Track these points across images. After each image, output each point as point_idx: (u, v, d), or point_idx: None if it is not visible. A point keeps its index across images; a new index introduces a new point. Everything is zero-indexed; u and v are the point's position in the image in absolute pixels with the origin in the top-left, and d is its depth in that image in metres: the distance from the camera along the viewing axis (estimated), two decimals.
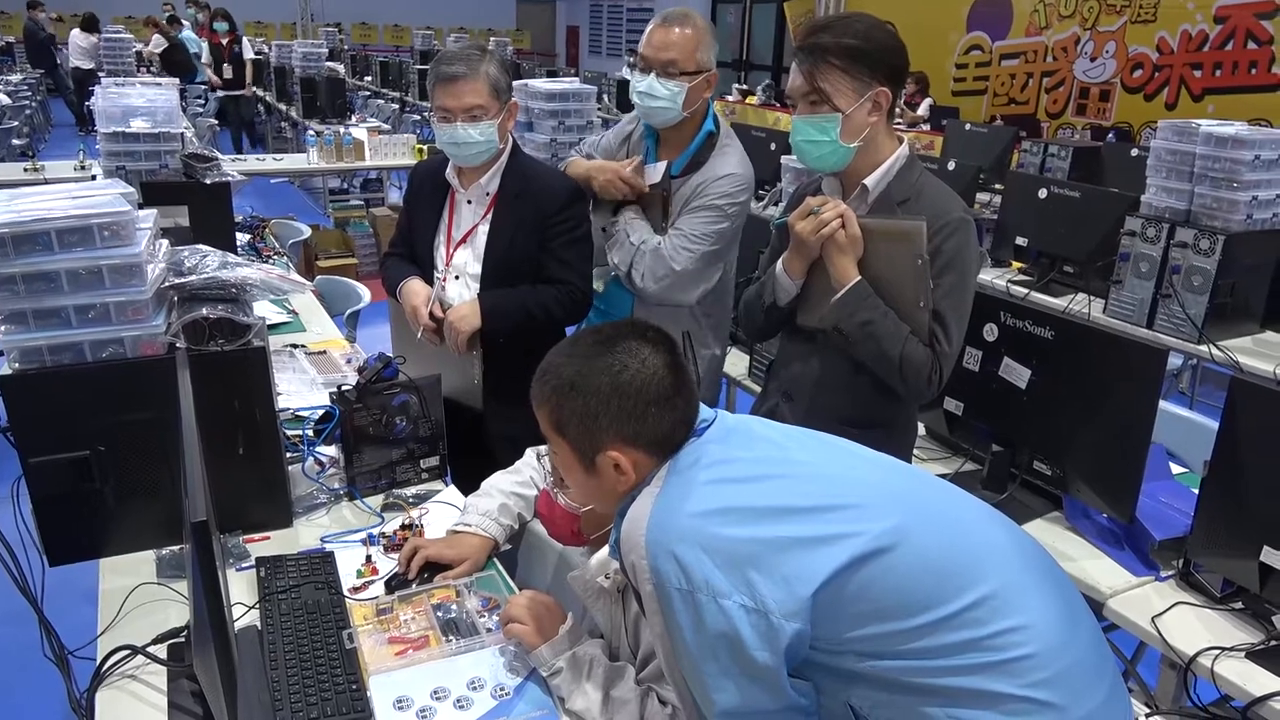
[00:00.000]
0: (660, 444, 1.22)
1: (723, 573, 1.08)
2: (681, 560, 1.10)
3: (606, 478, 1.24)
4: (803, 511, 1.13)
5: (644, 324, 1.29)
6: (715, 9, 16.00)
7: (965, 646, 1.08)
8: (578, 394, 1.21)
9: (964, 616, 1.09)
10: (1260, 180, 3.19)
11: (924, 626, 1.09)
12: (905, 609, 1.09)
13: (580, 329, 1.28)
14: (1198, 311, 3.13)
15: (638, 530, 1.14)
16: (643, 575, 1.13)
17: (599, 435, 1.21)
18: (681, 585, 1.09)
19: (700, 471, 1.18)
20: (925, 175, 1.84)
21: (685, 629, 1.11)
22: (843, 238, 1.77)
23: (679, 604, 1.10)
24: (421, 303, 2.26)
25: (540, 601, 1.49)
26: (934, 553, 1.13)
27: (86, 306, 1.59)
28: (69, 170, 5.67)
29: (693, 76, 2.21)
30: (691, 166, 2.30)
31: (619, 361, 1.21)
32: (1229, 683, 1.57)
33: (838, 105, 1.74)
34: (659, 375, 1.21)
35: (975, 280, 1.84)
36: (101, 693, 1.40)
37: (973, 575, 1.12)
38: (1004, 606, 1.10)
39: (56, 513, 1.64)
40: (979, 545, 1.18)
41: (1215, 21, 8.27)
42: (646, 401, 1.20)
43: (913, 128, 8.74)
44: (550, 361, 1.27)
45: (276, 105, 10.34)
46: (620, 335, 1.24)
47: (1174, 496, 2.02)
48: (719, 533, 1.10)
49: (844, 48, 1.72)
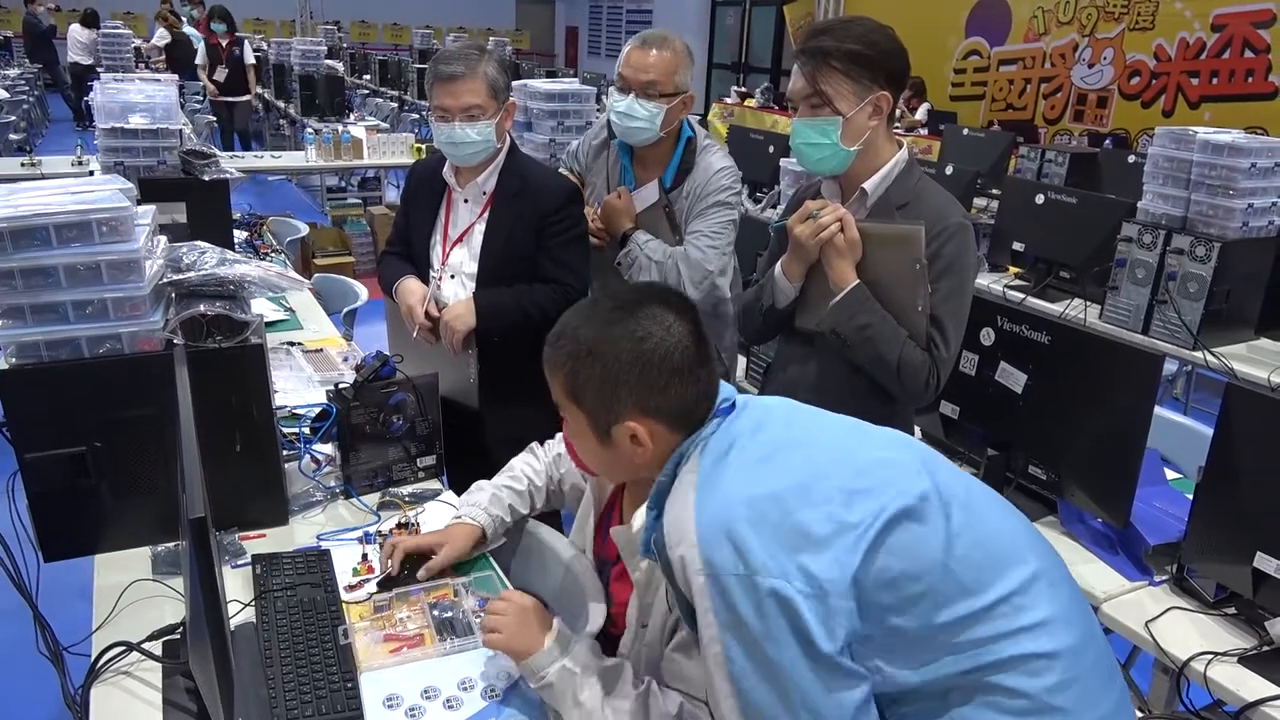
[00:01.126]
0: (681, 417, 1.17)
1: (780, 554, 1.02)
2: (737, 542, 1.03)
3: (622, 449, 1.19)
4: (842, 481, 1.08)
5: (667, 289, 1.24)
6: (714, 11, 16.02)
7: (995, 640, 1.04)
8: (596, 360, 1.15)
9: (999, 608, 1.05)
10: (1256, 188, 3.21)
11: (965, 618, 1.04)
12: (947, 592, 1.04)
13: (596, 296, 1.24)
14: (1193, 318, 3.14)
15: (685, 520, 1.07)
16: (693, 568, 1.05)
17: (617, 406, 1.16)
18: (739, 570, 1.02)
19: (738, 453, 1.12)
20: (924, 180, 1.85)
21: (747, 618, 1.02)
22: (841, 241, 1.77)
23: (738, 592, 1.02)
24: (417, 301, 2.26)
25: (523, 608, 1.40)
26: (966, 531, 1.08)
27: (84, 302, 1.59)
28: (67, 165, 5.66)
29: (671, 98, 2.25)
30: (681, 174, 2.35)
31: (642, 328, 1.15)
32: (1222, 688, 1.58)
33: (839, 108, 1.75)
34: (683, 344, 1.16)
35: (973, 285, 1.85)
36: (96, 689, 1.40)
37: (1005, 563, 1.08)
38: (1032, 602, 1.07)
39: (52, 508, 1.64)
40: (1006, 533, 1.14)
41: (1213, 29, 8.30)
42: (670, 371, 1.15)
43: (910, 132, 8.75)
44: (566, 324, 1.20)
45: (275, 103, 10.31)
46: (643, 300, 1.19)
47: (1168, 502, 2.03)
48: (769, 512, 1.04)
49: (846, 51, 1.72)
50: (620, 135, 2.34)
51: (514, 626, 1.37)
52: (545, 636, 1.36)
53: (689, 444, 1.16)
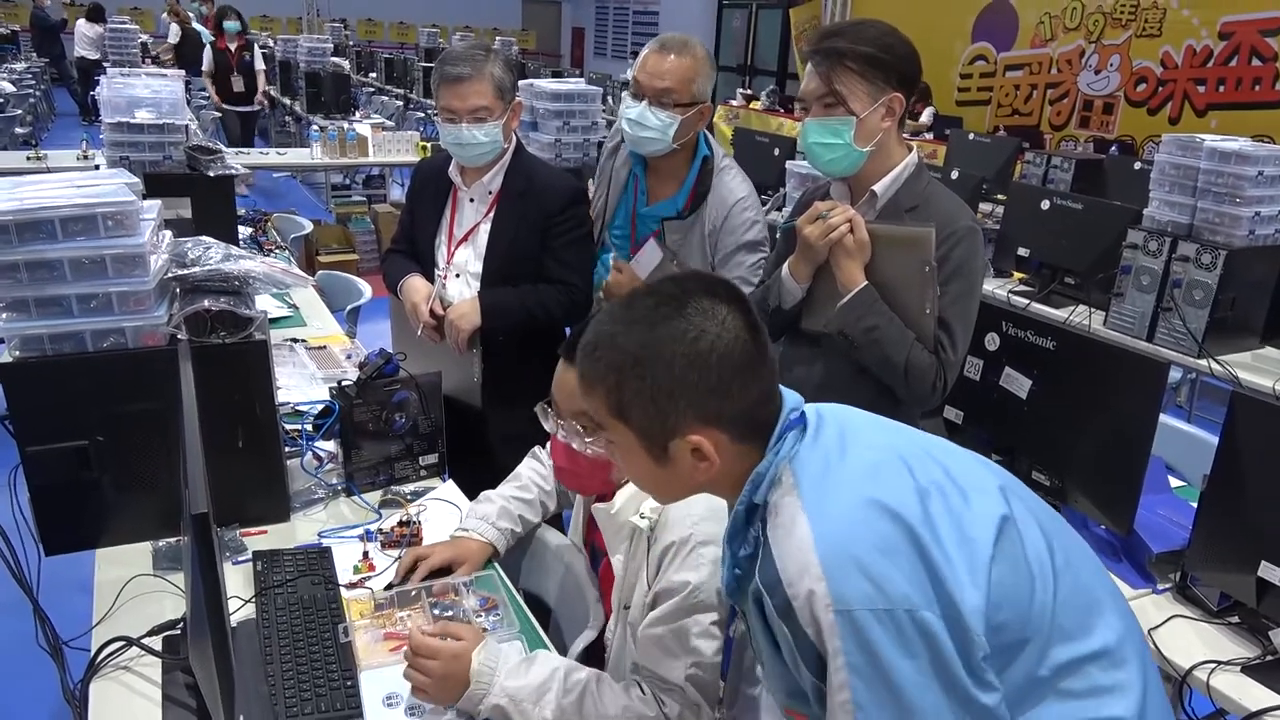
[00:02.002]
0: (746, 423, 1.03)
1: (914, 580, 0.92)
2: (871, 573, 0.92)
3: (682, 467, 1.04)
4: (941, 487, 1.00)
5: (710, 276, 1.11)
6: (721, 13, 16.02)
7: (1093, 694, 0.98)
8: (645, 368, 1.00)
9: (1098, 661, 0.98)
10: (1263, 196, 3.20)
11: (1067, 665, 0.97)
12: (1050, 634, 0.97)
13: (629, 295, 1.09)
14: (1198, 325, 3.13)
15: (804, 552, 0.95)
16: (821, 604, 0.92)
17: (675, 417, 1.01)
18: (878, 605, 0.91)
19: (838, 470, 1.01)
20: (933, 184, 1.85)
21: (892, 660, 0.90)
22: (850, 243, 1.77)
23: (878, 629, 0.90)
24: (422, 300, 2.26)
25: (449, 659, 1.35)
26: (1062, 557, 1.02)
27: (88, 296, 1.59)
28: (72, 160, 5.66)
29: (687, 108, 2.13)
30: (696, 198, 2.22)
31: (694, 325, 1.00)
32: (1224, 697, 1.57)
33: (852, 108, 1.75)
34: (741, 339, 1.01)
35: (981, 289, 1.84)
36: (95, 684, 1.40)
37: (1101, 608, 1.02)
38: (1124, 659, 1.00)
39: (53, 502, 1.63)
40: (1098, 575, 1.07)
41: (1220, 37, 8.28)
42: (732, 371, 1.00)
43: (915, 136, 8.75)
44: (602, 332, 1.04)
45: (280, 100, 10.31)
46: (688, 293, 1.03)
47: (1172, 510, 2.02)
48: (895, 533, 0.94)
49: (861, 53, 1.73)
50: (630, 144, 2.24)
51: (438, 687, 1.35)
52: (470, 680, 1.34)
53: (766, 464, 1.03)
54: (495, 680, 1.34)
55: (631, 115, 2.15)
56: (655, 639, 1.36)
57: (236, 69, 8.44)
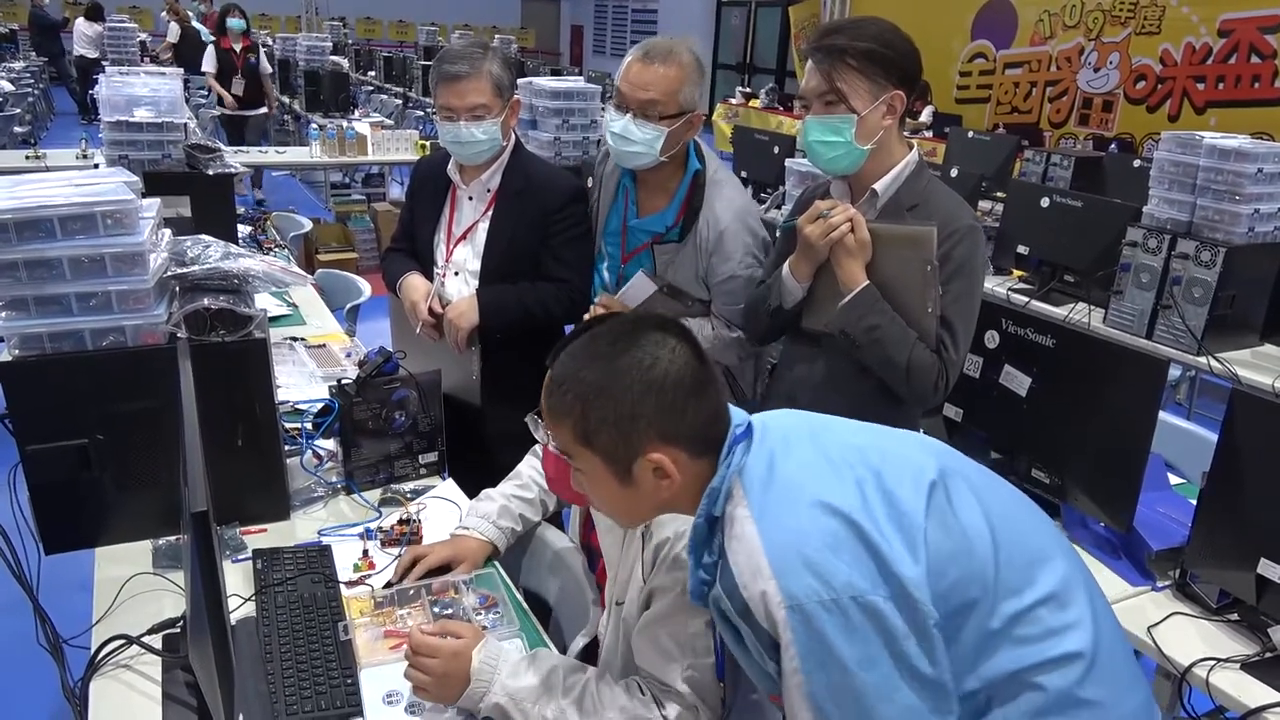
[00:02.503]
0: (701, 440, 1.14)
1: (858, 568, 1.01)
2: (817, 568, 1.01)
3: (646, 487, 1.15)
4: (880, 474, 1.09)
5: (658, 315, 1.22)
6: (720, 11, 16.01)
7: (1043, 639, 1.06)
8: (608, 397, 1.11)
9: (1045, 606, 1.06)
10: (1262, 193, 3.20)
11: (1015, 617, 1.05)
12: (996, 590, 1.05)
13: (588, 334, 1.19)
14: (1197, 323, 3.13)
15: (754, 555, 1.05)
16: (774, 601, 1.02)
17: (636, 438, 1.12)
18: (824, 596, 1.00)
19: (782, 475, 1.10)
20: (934, 182, 1.85)
21: (839, 645, 1.00)
22: (852, 242, 1.76)
23: (827, 620, 1.00)
24: (420, 298, 2.26)
25: (450, 657, 1.36)
26: (1005, 521, 1.10)
27: (88, 294, 1.59)
28: (71, 159, 5.66)
29: (674, 119, 2.00)
30: (688, 214, 2.11)
31: (648, 355, 1.12)
32: (1224, 694, 1.57)
33: (854, 106, 1.74)
34: (690, 364, 1.14)
35: (982, 288, 1.84)
36: (96, 682, 1.40)
37: (1045, 556, 1.10)
38: (1071, 599, 1.09)
39: (53, 501, 1.64)
40: (1039, 530, 1.15)
41: (1219, 35, 8.28)
42: (685, 393, 1.12)
43: (914, 134, 8.75)
44: (565, 370, 1.16)
45: (280, 98, 10.30)
46: (640, 328, 1.16)
47: (1171, 507, 2.02)
48: (835, 527, 1.03)
49: (862, 50, 1.72)
50: (615, 159, 2.12)
51: (438, 685, 1.36)
52: (470, 678, 1.34)
53: (719, 479, 1.13)
54: (496, 679, 1.34)
55: (615, 129, 2.03)
56: (652, 641, 1.36)
57: (241, 71, 7.94)
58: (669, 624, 1.34)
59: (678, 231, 2.13)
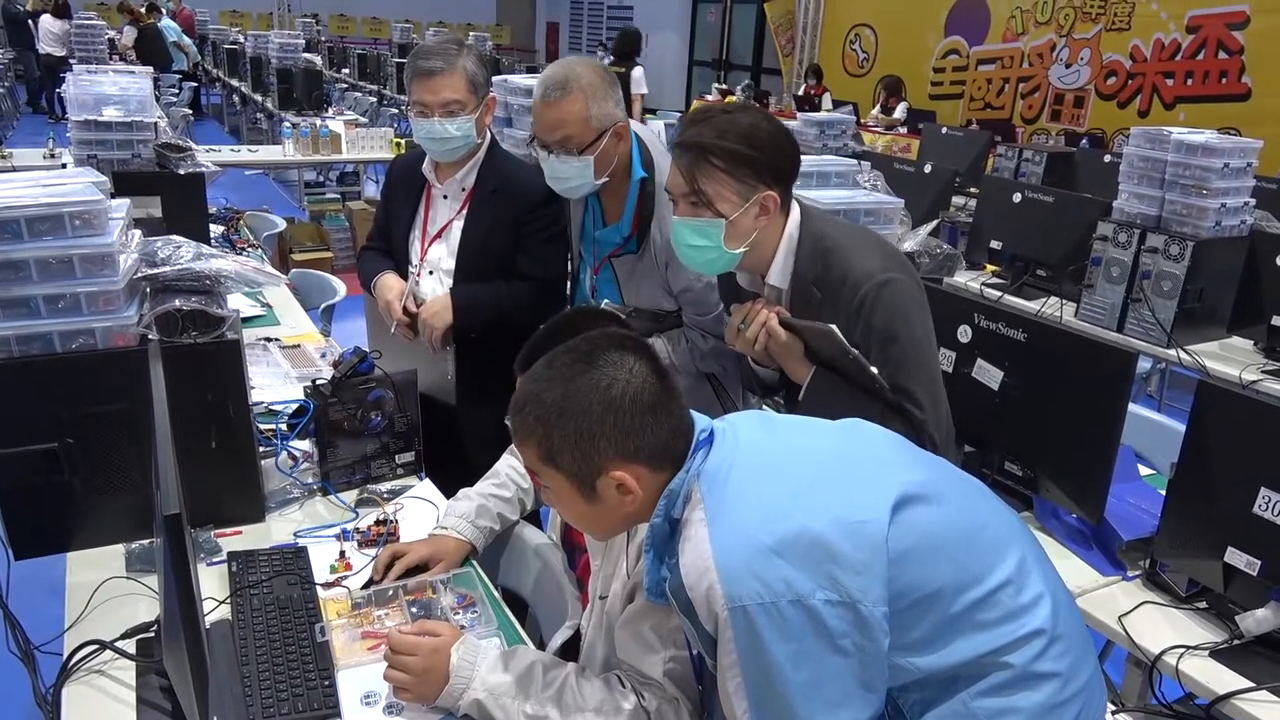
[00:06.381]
0: (660, 455, 1.17)
1: (803, 572, 1.03)
2: (759, 572, 1.04)
3: (610, 502, 1.18)
4: (843, 483, 1.12)
5: (618, 333, 1.23)
6: (696, 8, 16.02)
7: (1004, 621, 1.11)
8: (568, 418, 1.14)
9: (1004, 591, 1.11)
10: (1229, 188, 3.25)
11: (977, 603, 1.10)
12: (958, 582, 1.09)
13: (548, 355, 1.20)
14: (1166, 316, 3.18)
15: (703, 557, 1.08)
16: (718, 603, 1.05)
17: (597, 457, 1.14)
18: (763, 599, 1.03)
19: (737, 479, 1.13)
20: (825, 239, 1.69)
21: (774, 645, 1.03)
22: (775, 347, 1.69)
23: (763, 620, 1.03)
24: (395, 297, 2.25)
25: (430, 653, 1.36)
26: (965, 517, 1.15)
27: (56, 296, 1.57)
28: (38, 158, 5.58)
29: (594, 145, 1.98)
30: (641, 223, 2.08)
31: (606, 375, 1.14)
32: (1193, 681, 1.60)
33: (720, 210, 1.61)
34: (649, 383, 1.15)
35: (929, 327, 1.70)
36: (68, 688, 1.38)
37: (1001, 546, 1.15)
38: (1028, 582, 1.14)
39: (23, 505, 1.61)
40: (996, 518, 1.20)
41: (1188, 31, 8.40)
42: (642, 412, 1.14)
43: (889, 130, 8.81)
44: (527, 391, 1.18)
45: (252, 96, 10.20)
46: (599, 348, 1.17)
47: (1142, 498, 2.05)
48: (784, 532, 1.05)
49: (726, 151, 1.59)
50: (560, 194, 2.12)
51: (418, 683, 1.35)
52: (449, 675, 1.34)
53: (678, 482, 1.16)
54: (475, 675, 1.34)
55: (546, 171, 2.03)
56: (634, 634, 1.36)
57: None
58: (652, 617, 1.35)
59: (635, 243, 2.12)
